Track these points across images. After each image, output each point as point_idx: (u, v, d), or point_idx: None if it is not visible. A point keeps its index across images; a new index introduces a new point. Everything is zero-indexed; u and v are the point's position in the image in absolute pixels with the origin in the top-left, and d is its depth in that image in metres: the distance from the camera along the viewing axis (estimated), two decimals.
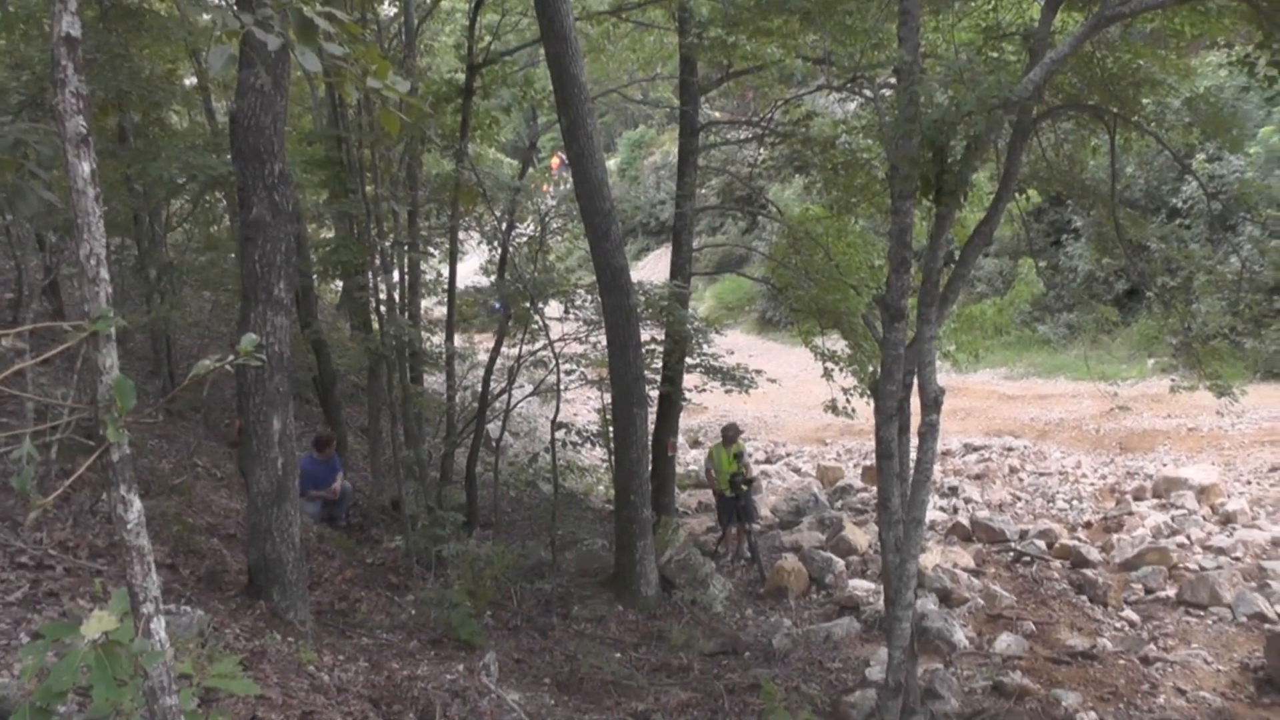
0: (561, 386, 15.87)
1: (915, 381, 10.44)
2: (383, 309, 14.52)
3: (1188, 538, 17.44)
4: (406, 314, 15.79)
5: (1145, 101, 11.20)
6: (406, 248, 15.65)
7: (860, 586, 15.47)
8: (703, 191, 20.78)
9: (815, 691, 11.46)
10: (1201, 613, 14.70)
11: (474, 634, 10.33)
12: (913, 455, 10.70)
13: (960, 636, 13.72)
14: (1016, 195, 12.54)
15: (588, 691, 10.08)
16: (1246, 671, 12.88)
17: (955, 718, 11.19)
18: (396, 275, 15.33)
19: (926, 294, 10.02)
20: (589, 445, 17.19)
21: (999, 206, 10.68)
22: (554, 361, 15.96)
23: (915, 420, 10.46)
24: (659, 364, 16.96)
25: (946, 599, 14.99)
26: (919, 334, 10.20)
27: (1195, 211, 27.57)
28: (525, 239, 17.07)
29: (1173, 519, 18.23)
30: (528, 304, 15.81)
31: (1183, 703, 12.12)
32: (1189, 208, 28.04)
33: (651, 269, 41.09)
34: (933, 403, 9.93)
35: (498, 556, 12.08)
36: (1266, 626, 13.74)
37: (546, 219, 17.07)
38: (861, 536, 17.54)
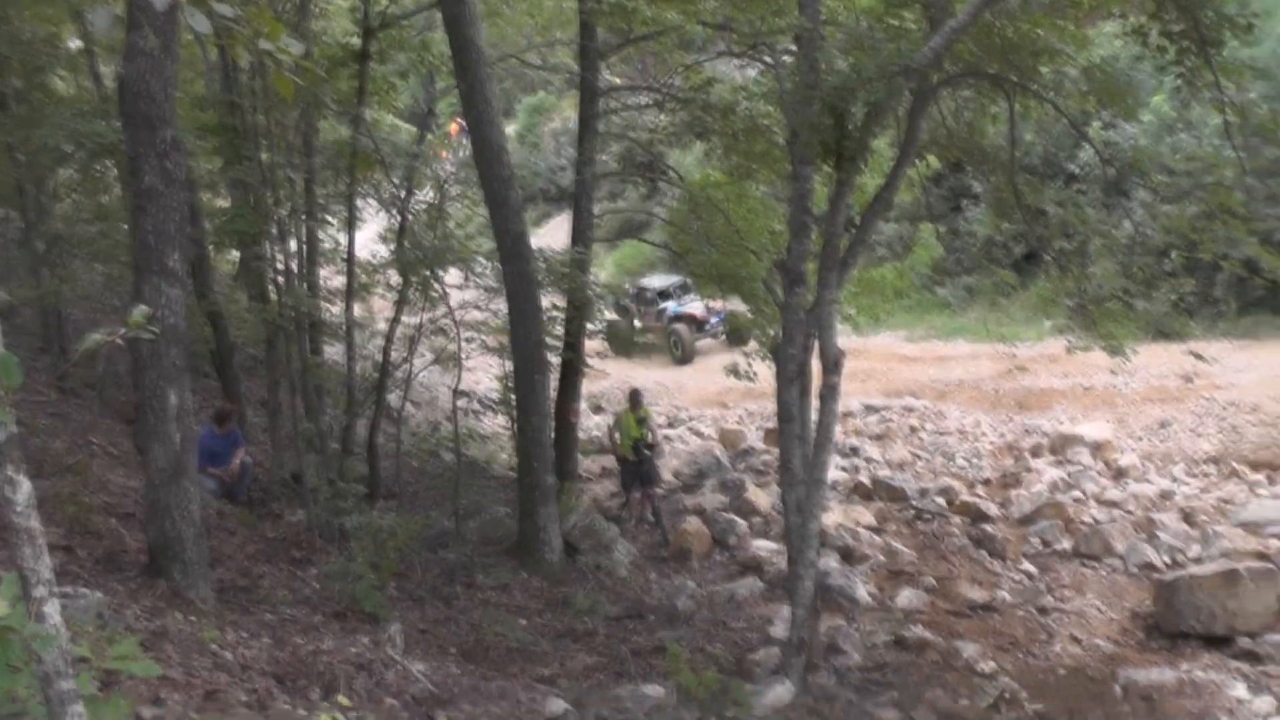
0: (462, 355, 15.77)
1: (816, 344, 10.53)
2: (280, 279, 14.30)
3: (1083, 492, 17.89)
4: (304, 284, 15.53)
5: (1043, 70, 11.35)
6: (304, 216, 15.39)
7: (763, 546, 15.62)
8: (603, 158, 20.67)
9: (720, 651, 11.54)
10: (1095, 564, 15.12)
11: (378, 606, 10.24)
12: (814, 417, 10.81)
13: (862, 593, 13.94)
14: (916, 161, 12.68)
15: (493, 659, 10.05)
16: (1137, 618, 13.31)
17: (858, 672, 11.35)
18: (294, 244, 15.07)
19: (827, 259, 10.11)
20: (491, 413, 17.06)
21: (899, 172, 10.79)
22: (455, 330, 15.84)
23: (816, 383, 10.57)
24: (560, 331, 16.88)
25: (848, 557, 15.19)
26: (819, 298, 10.30)
27: (1091, 177, 28.09)
28: (424, 206, 16.85)
29: (1069, 475, 18.67)
30: (427, 272, 15.63)
31: (1078, 650, 12.47)
32: (1085, 173, 28.57)
33: (552, 235, 40.87)
34: (833, 365, 10.05)
35: (401, 527, 11.95)
36: (1155, 576, 14.13)
37: (445, 185, 16.89)
38: (763, 497, 17.70)
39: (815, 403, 10.73)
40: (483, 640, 10.63)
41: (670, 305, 31.54)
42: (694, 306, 30.69)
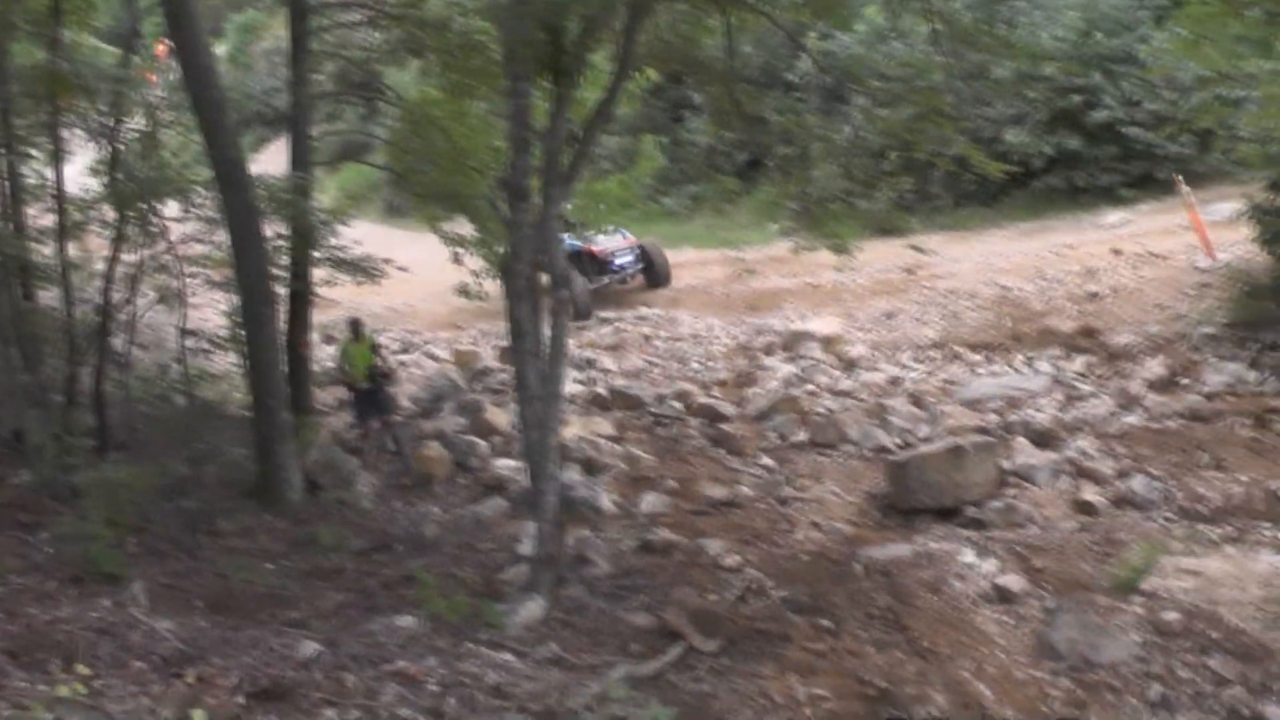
0: (187, 292, 15.19)
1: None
2: None
3: (815, 385, 18.54)
4: (10, 224, 14.65)
5: None
6: (3, 150, 14.46)
7: (505, 465, 15.60)
8: (319, 78, 19.95)
9: (469, 575, 11.52)
10: (831, 452, 15.71)
11: (118, 565, 9.80)
12: (547, 333, 10.85)
13: (606, 502, 14.08)
14: (635, 74, 12.72)
15: (243, 607, 9.70)
16: (872, 499, 13.94)
17: (607, 580, 11.49)
18: None
19: (550, 174, 10.08)
20: (221, 351, 16.45)
21: (618, 86, 10.81)
22: (177, 265, 15.23)
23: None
24: (286, 260, 16.38)
25: (590, 468, 15.30)
26: (544, 213, 10.29)
27: (809, 86, 28.95)
28: (136, 135, 16.02)
29: (801, 370, 19.32)
30: (144, 205, 14.93)
31: (818, 535, 12.88)
32: (804, 82, 29.42)
33: (272, 161, 39.46)
34: (561, 279, 10.07)
35: (136, 479, 11.43)
36: (888, 457, 14.78)
37: (157, 112, 16.11)
38: (502, 416, 17.67)
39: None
40: (230, 589, 10.27)
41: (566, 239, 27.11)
42: (599, 242, 26.18)
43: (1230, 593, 10.16)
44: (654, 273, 26.90)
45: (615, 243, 26.27)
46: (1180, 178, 20.62)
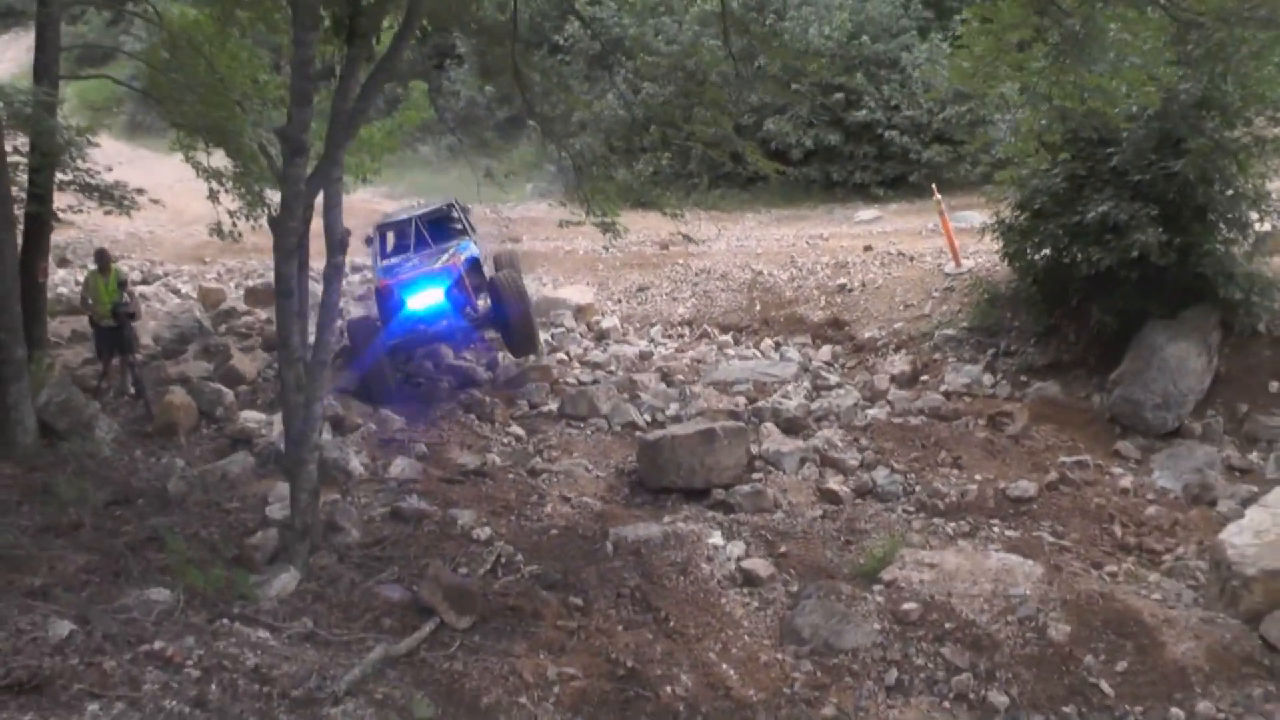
0: None
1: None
2: None
3: (567, 354, 18.59)
4: None
5: None
6: None
7: (252, 418, 15.01)
8: None
9: (217, 538, 11.08)
10: (581, 424, 15.78)
11: None
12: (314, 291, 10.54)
13: (356, 464, 13.82)
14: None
15: None
16: (621, 475, 14.07)
17: (358, 549, 11.30)
18: None
19: (336, 135, 9.73)
20: None
21: (402, 44, 10.52)
22: None
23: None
24: (25, 180, 15.36)
25: (339, 426, 14.97)
26: (326, 174, 9.97)
27: (576, 49, 28.91)
28: None
29: (553, 337, 19.31)
30: None
31: (568, 509, 12.94)
32: (571, 45, 29.35)
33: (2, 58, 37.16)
34: (338, 245, 9.79)
35: None
36: (638, 434, 14.94)
37: None
38: (249, 364, 17.16)
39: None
40: None
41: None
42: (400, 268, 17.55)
43: (963, 585, 10.70)
44: (510, 329, 17.15)
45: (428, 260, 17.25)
46: (936, 188, 21.45)
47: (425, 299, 16.34)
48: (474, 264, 17.85)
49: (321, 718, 7.43)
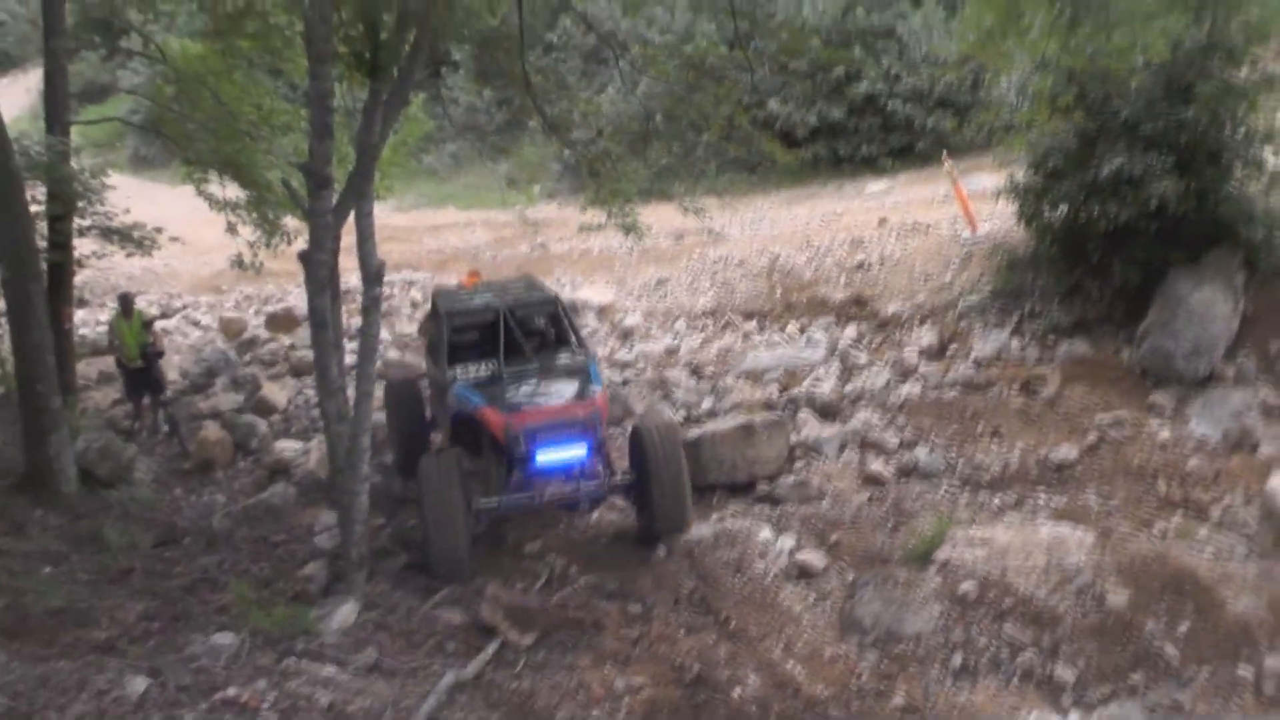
0: None
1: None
2: None
3: None
4: None
5: None
6: None
7: (287, 447, 15.06)
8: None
9: (269, 573, 11.08)
10: (616, 426, 15.58)
11: None
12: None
13: (397, 485, 13.97)
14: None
15: (39, 629, 8.88)
16: None
17: (409, 571, 11.35)
18: None
19: (363, 169, 9.71)
20: None
21: (413, 70, 10.47)
22: None
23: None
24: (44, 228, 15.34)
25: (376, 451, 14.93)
26: (357, 209, 9.95)
27: (570, 46, 28.81)
28: None
29: None
30: None
31: (614, 515, 12.96)
32: (564, 42, 29.25)
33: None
34: (374, 277, 9.79)
35: None
36: None
37: None
38: (279, 393, 17.14)
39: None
40: (21, 608, 9.35)
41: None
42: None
43: (1017, 560, 10.66)
44: (652, 499, 11.76)
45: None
46: (946, 153, 21.32)
47: (563, 454, 11.45)
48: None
49: None
